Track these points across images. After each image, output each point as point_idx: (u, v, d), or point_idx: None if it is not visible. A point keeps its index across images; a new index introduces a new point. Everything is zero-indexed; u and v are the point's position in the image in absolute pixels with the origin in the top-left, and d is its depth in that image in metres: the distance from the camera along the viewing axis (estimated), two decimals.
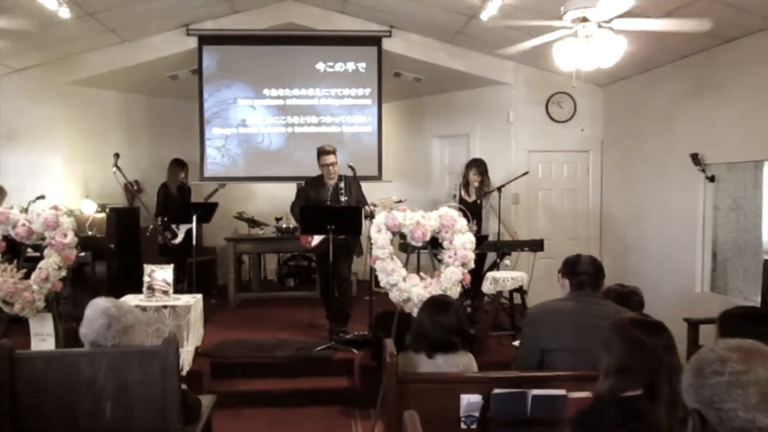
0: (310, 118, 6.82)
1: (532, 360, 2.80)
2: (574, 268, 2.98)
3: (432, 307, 2.81)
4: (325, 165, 5.25)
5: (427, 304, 2.88)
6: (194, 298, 4.62)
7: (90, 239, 5.53)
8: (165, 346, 2.37)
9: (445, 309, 2.76)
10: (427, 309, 2.82)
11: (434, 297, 2.97)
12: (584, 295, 2.91)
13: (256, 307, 6.64)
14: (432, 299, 2.93)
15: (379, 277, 3.93)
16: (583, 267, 3.00)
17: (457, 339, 2.72)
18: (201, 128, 6.73)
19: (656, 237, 6.05)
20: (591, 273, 2.99)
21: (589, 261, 3.01)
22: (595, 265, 3.02)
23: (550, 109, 7.02)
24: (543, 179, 7.04)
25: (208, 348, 4.91)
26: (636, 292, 3.21)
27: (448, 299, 2.92)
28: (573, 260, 3.00)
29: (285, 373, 4.70)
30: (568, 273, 2.98)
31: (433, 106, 7.79)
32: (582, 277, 2.96)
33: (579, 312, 2.82)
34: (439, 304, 2.82)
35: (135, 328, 2.44)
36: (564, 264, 3.03)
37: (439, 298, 2.90)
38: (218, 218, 7.06)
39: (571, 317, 2.80)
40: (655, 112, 6.06)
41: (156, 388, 2.28)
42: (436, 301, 2.87)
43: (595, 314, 2.81)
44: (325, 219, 4.79)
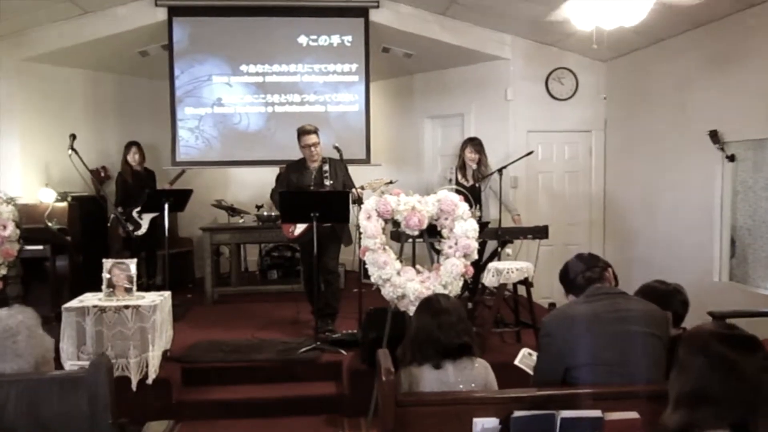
0: (292, 96, 6.28)
1: (554, 378, 2.34)
2: (567, 278, 2.59)
3: (430, 307, 2.37)
4: (306, 146, 4.74)
5: (424, 306, 2.44)
6: (161, 297, 4.10)
7: (43, 231, 4.98)
8: (93, 370, 1.86)
9: (448, 308, 2.31)
10: (424, 311, 2.37)
11: (429, 297, 2.54)
12: (599, 293, 2.47)
13: (236, 302, 6.13)
14: (427, 300, 2.49)
15: (369, 270, 3.44)
16: (575, 268, 2.58)
17: (469, 340, 2.26)
18: (172, 108, 6.17)
19: (667, 222, 5.61)
20: (583, 268, 2.56)
21: (575, 259, 2.62)
22: (583, 258, 2.61)
23: (551, 86, 6.54)
24: (543, 161, 6.56)
25: (179, 351, 4.40)
26: (679, 290, 2.75)
27: (446, 297, 2.50)
28: (562, 272, 2.63)
29: (265, 379, 4.21)
30: (566, 288, 2.60)
31: (425, 85, 7.28)
32: (579, 280, 2.53)
33: (603, 316, 2.37)
34: (437, 303, 2.38)
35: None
36: (561, 282, 2.64)
37: (435, 298, 2.47)
38: (195, 206, 6.56)
39: (595, 324, 2.34)
40: (665, 88, 5.60)
41: (83, 424, 1.77)
42: (432, 301, 2.43)
43: (623, 317, 2.36)
44: (308, 205, 4.30)
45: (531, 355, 2.86)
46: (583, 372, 2.30)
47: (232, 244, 6.37)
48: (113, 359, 3.83)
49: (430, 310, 2.32)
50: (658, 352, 2.36)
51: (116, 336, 3.86)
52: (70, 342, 3.85)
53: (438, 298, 2.44)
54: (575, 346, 2.30)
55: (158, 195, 5.69)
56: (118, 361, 3.84)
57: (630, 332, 2.34)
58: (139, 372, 3.85)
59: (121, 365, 3.85)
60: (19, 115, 6.09)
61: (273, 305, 5.91)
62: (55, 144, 6.13)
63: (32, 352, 1.90)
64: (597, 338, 2.30)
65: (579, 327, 2.32)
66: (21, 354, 1.87)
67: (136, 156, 6.20)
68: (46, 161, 6.20)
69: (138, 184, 6.10)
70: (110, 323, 3.84)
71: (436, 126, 7.32)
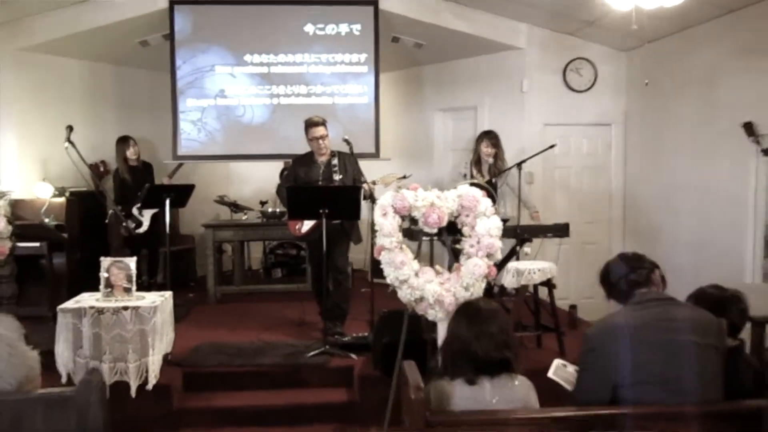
0: (298, 87, 6.01)
1: (601, 398, 2.08)
2: (608, 280, 2.32)
3: (469, 314, 2.08)
4: (314, 138, 4.49)
5: (463, 312, 2.14)
6: (161, 297, 3.86)
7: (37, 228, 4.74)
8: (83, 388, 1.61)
9: (489, 316, 2.03)
10: (462, 318, 2.08)
11: (468, 302, 2.21)
12: (646, 299, 2.20)
13: (239, 302, 5.89)
14: (466, 305, 2.18)
15: (385, 271, 3.18)
16: (616, 271, 2.30)
17: (510, 354, 1.99)
18: (173, 100, 5.91)
19: (693, 219, 5.34)
20: (627, 271, 2.28)
21: (618, 259, 2.35)
22: (627, 259, 2.34)
23: (568, 77, 6.27)
24: (560, 156, 6.28)
25: (180, 354, 4.16)
26: (738, 297, 2.47)
27: (490, 304, 2.16)
28: (603, 273, 2.36)
29: (271, 384, 3.97)
30: (607, 291, 2.34)
31: (436, 76, 7.01)
32: (622, 284, 2.26)
33: (653, 326, 2.11)
34: (479, 310, 2.08)
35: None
36: (601, 284, 2.38)
37: (477, 304, 2.15)
38: (197, 202, 6.32)
39: (644, 336, 2.08)
40: (692, 78, 5.32)
41: None
42: (473, 308, 2.12)
43: (675, 327, 2.10)
44: (317, 201, 4.05)
45: (566, 366, 2.60)
46: (631, 390, 2.04)
47: (236, 241, 6.13)
48: (111, 363, 3.60)
49: (468, 318, 2.05)
50: (715, 366, 2.11)
51: (115, 339, 3.62)
52: (66, 345, 3.62)
53: (478, 303, 2.14)
54: (623, 361, 2.04)
55: (159, 190, 5.46)
56: (116, 366, 3.61)
57: (683, 344, 2.08)
58: (138, 377, 3.62)
59: (119, 370, 3.62)
60: (16, 106, 5.85)
61: (278, 305, 5.66)
62: (52, 137, 5.87)
63: (14, 373, 1.65)
64: (646, 352, 2.05)
65: (626, 339, 2.06)
66: (0, 375, 1.62)
67: (134, 149, 5.91)
68: (44, 155, 5.95)
69: (136, 179, 5.83)
70: (108, 325, 3.61)
71: (447, 119, 7.05)
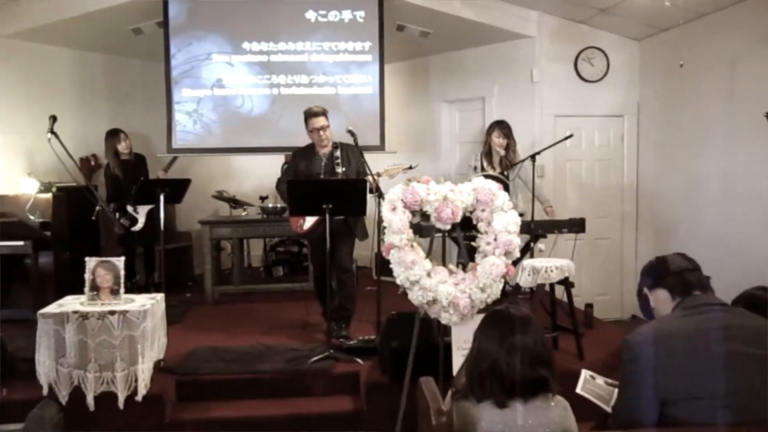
0: (300, 77, 5.74)
1: (647, 417, 1.81)
2: (666, 268, 2.02)
3: (499, 325, 1.79)
4: (314, 130, 4.23)
5: (491, 322, 1.85)
6: (152, 300, 3.60)
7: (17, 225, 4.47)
8: (32, 425, 1.35)
9: (523, 327, 1.75)
10: (490, 330, 1.80)
11: (497, 311, 1.90)
12: (698, 303, 1.94)
13: (238, 302, 5.62)
14: (498, 314, 1.87)
15: (395, 271, 2.92)
16: (677, 262, 2.03)
17: (547, 373, 1.72)
18: (168, 89, 5.64)
19: (713, 215, 5.08)
20: (688, 266, 2.02)
21: (677, 255, 2.08)
22: (687, 258, 2.07)
23: (580, 67, 6.00)
24: (571, 148, 6.00)
25: (174, 360, 3.90)
26: None
27: (521, 310, 1.85)
28: (657, 262, 2.07)
29: (272, 393, 3.70)
30: (658, 279, 2.03)
31: (442, 67, 6.74)
32: (684, 276, 1.99)
33: (708, 335, 1.83)
34: (510, 319, 1.79)
35: None
36: (647, 274, 2.09)
37: (508, 312, 1.84)
38: (194, 198, 6.08)
39: (698, 346, 1.81)
40: (710, 67, 5.05)
41: None
42: (503, 316, 1.82)
43: (732, 336, 1.83)
44: (320, 196, 3.78)
45: (594, 378, 2.34)
46: (681, 408, 1.78)
47: (234, 238, 5.86)
48: (97, 372, 3.35)
49: (498, 329, 1.77)
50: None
51: (101, 346, 3.37)
52: (47, 353, 3.36)
53: (509, 312, 1.83)
54: (673, 374, 1.78)
55: (152, 185, 5.21)
56: (102, 375, 3.36)
57: (741, 355, 1.82)
58: (127, 387, 3.36)
59: (106, 379, 3.37)
60: (1, 97, 5.58)
61: (279, 305, 5.40)
62: (39, 130, 5.49)
63: None
64: (699, 364, 1.79)
65: (678, 349, 1.80)
66: None
67: (126, 143, 5.62)
68: (30, 148, 5.69)
69: (129, 174, 5.56)
70: (94, 331, 3.35)
71: (453, 111, 6.79)
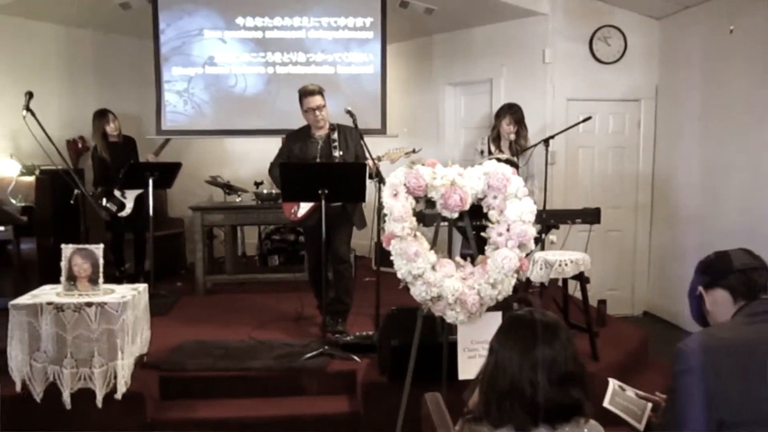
0: (296, 55, 5.43)
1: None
2: (728, 265, 1.74)
3: (521, 334, 1.47)
4: (309, 110, 3.94)
5: (511, 330, 1.51)
6: (134, 291, 3.33)
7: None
8: None
9: (550, 336, 1.44)
10: (511, 340, 1.48)
11: (521, 317, 1.51)
12: (762, 310, 1.64)
13: (231, 292, 5.36)
14: (519, 321, 1.51)
15: (396, 264, 2.63)
16: (742, 259, 1.75)
17: (580, 393, 1.42)
18: (157, 68, 5.34)
19: (738, 206, 4.77)
20: (755, 264, 1.74)
21: (740, 250, 1.80)
22: (753, 254, 1.79)
23: (595, 47, 5.67)
24: (584, 134, 5.68)
25: (159, 354, 3.63)
26: None
27: (548, 316, 1.51)
28: (717, 257, 1.79)
29: (262, 391, 3.44)
30: (718, 277, 1.75)
31: (447, 47, 6.40)
32: (749, 276, 1.70)
33: None
34: (535, 327, 1.46)
35: None
36: (704, 271, 1.82)
37: (532, 318, 1.49)
38: (187, 183, 5.84)
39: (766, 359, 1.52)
40: (737, 47, 4.72)
41: None
42: (527, 324, 1.48)
43: None
44: (315, 180, 3.50)
45: (624, 390, 2.05)
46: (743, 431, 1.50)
47: (227, 225, 5.57)
48: (74, 368, 3.09)
49: (520, 340, 1.45)
50: None
51: (78, 340, 3.11)
52: (20, 347, 3.10)
53: (533, 318, 1.48)
54: (734, 392, 1.50)
55: (141, 169, 4.95)
56: (79, 371, 3.10)
57: None
58: (105, 384, 3.10)
59: (83, 375, 3.10)
60: None
61: (273, 296, 5.13)
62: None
63: None
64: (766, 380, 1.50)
65: (740, 363, 1.52)
66: None
67: (114, 124, 5.31)
68: (13, 129, 5.38)
69: (118, 157, 5.27)
70: (70, 324, 3.08)
71: (458, 94, 6.46)
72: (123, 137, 5.40)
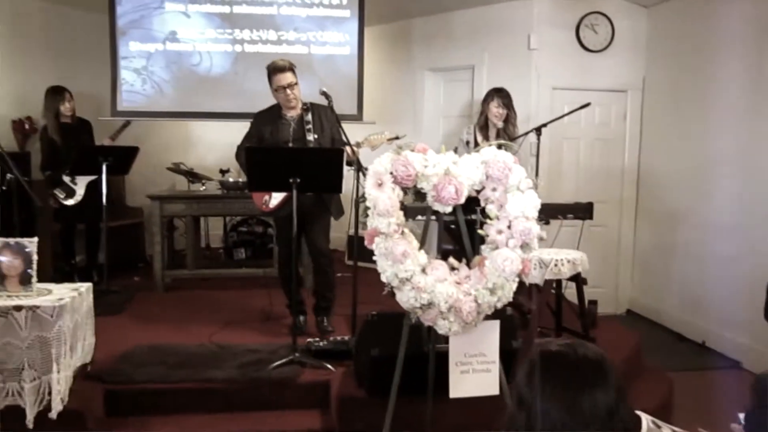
0: (267, 32, 5.02)
1: None
2: None
3: (563, 378, 1.12)
4: (280, 87, 3.56)
5: (551, 372, 1.14)
6: (74, 292, 2.90)
7: None
8: None
9: (600, 379, 1.11)
10: (551, 385, 1.12)
11: (563, 355, 1.17)
12: None
13: (193, 288, 4.93)
14: (560, 360, 1.16)
15: (380, 266, 2.28)
16: None
17: None
18: (113, 42, 4.89)
19: (729, 201, 4.56)
20: None
21: None
22: None
23: (582, 34, 5.40)
24: (569, 126, 5.40)
25: (105, 363, 3.22)
26: None
27: (595, 352, 1.18)
28: None
29: (224, 406, 3.06)
30: None
31: (427, 31, 6.05)
32: None
33: None
34: (582, 368, 1.12)
35: None
36: None
37: (576, 356, 1.15)
38: (148, 170, 5.43)
39: None
40: (731, 36, 4.49)
41: None
42: (571, 365, 1.14)
43: None
44: (285, 168, 3.11)
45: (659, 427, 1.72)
46: None
47: (189, 216, 5.13)
48: (1, 382, 2.65)
49: (563, 386, 1.11)
50: None
51: (7, 348, 2.67)
52: None
53: (578, 355, 1.14)
54: None
55: (94, 153, 4.51)
56: (7, 386, 2.66)
57: None
58: (37, 402, 2.67)
59: (11, 390, 2.67)
60: None
61: (239, 293, 4.76)
62: None
63: None
64: None
65: None
66: None
67: (70, 104, 4.85)
68: None
69: (70, 140, 4.80)
70: None
71: (438, 81, 6.13)
72: (77, 119, 4.94)
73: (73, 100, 4.86)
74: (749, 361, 4.23)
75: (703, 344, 4.61)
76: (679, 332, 4.95)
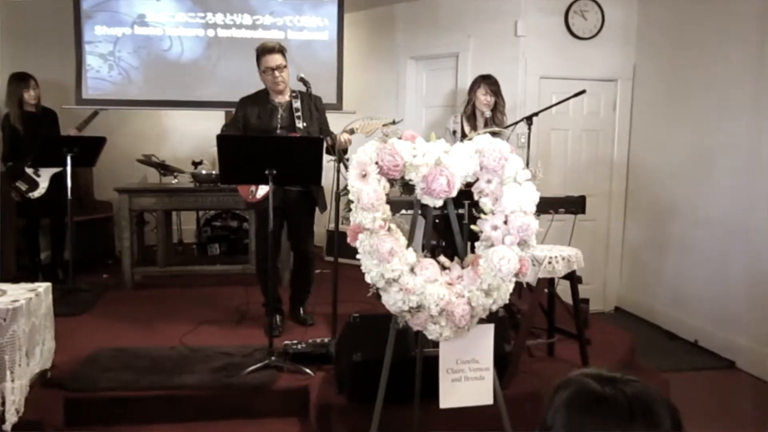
0: (241, 17, 4.77)
1: None
2: None
3: (605, 421, 0.88)
4: (268, 69, 3.36)
5: (587, 414, 0.90)
6: (32, 292, 2.66)
7: None
8: None
9: (651, 420, 0.87)
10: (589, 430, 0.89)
11: (598, 394, 0.91)
12: None
13: (163, 286, 4.69)
14: (597, 400, 0.91)
15: (364, 265, 2.07)
16: None
17: None
18: (77, 25, 4.59)
19: (721, 193, 4.42)
20: None
21: None
22: None
23: (571, 21, 5.22)
24: (557, 116, 5.22)
25: (66, 369, 2.98)
26: None
27: (642, 389, 0.91)
28: None
29: (195, 414, 2.84)
30: None
31: (410, 17, 5.83)
32: None
33: None
34: (629, 406, 0.89)
35: None
36: None
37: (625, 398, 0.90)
38: (119, 162, 5.17)
39: None
40: (729, 23, 4.34)
41: None
42: (611, 403, 0.90)
43: None
44: (261, 158, 2.89)
45: None
46: None
47: (159, 210, 4.87)
48: None
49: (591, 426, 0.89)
50: None
51: None
52: None
53: (627, 397, 0.91)
54: None
55: (58, 143, 4.26)
56: None
57: None
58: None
59: None
60: None
61: (212, 291, 4.54)
62: None
63: None
64: None
65: None
66: None
67: (35, 92, 4.59)
68: None
69: (33, 129, 4.55)
70: None
71: (421, 69, 5.92)
72: (42, 108, 4.67)
73: (38, 88, 4.64)
74: (744, 361, 4.10)
75: (696, 343, 4.48)
76: (669, 330, 4.81)
